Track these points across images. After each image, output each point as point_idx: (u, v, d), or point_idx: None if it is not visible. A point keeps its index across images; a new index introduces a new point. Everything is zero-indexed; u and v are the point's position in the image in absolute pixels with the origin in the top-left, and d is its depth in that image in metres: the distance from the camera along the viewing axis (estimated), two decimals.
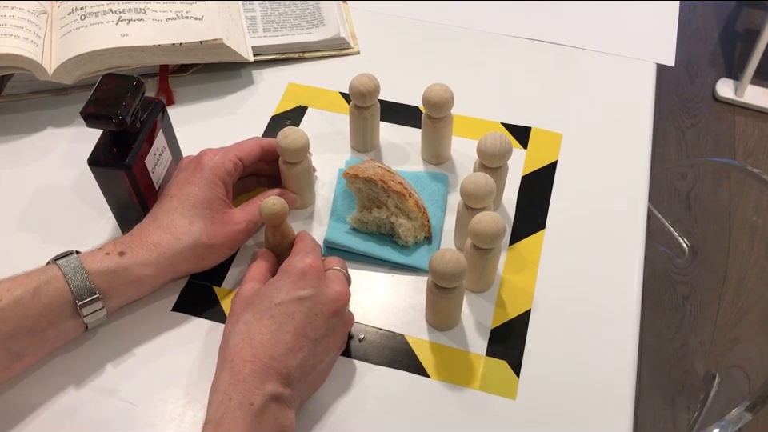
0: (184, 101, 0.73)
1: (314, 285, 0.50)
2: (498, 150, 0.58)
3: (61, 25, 0.71)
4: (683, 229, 1.59)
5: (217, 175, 0.57)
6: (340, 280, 0.52)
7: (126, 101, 0.54)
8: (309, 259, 0.52)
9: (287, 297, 0.49)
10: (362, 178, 0.59)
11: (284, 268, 0.52)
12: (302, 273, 0.51)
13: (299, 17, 0.79)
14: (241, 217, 0.58)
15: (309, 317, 0.49)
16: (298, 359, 0.48)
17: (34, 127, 0.71)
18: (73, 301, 0.51)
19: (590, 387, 0.53)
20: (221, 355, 0.49)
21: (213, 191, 0.57)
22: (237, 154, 0.59)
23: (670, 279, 1.51)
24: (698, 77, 1.95)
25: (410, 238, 0.60)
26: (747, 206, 1.66)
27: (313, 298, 0.50)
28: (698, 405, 0.94)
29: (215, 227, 0.56)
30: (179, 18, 0.72)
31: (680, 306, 1.48)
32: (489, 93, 0.74)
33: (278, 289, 0.50)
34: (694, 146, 1.82)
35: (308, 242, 0.56)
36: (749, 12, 2.15)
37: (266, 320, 0.48)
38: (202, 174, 0.57)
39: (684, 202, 1.67)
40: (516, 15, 0.83)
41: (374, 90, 0.63)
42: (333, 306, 0.50)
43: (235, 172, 0.59)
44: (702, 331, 1.44)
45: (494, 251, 0.55)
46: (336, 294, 0.51)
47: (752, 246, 1.58)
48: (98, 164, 0.56)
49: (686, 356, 1.40)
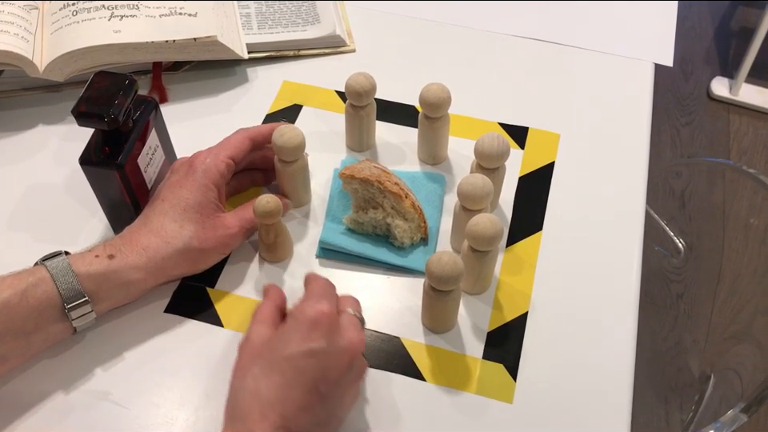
0: (177, 98, 0.72)
1: (326, 336, 0.46)
2: (496, 151, 0.57)
3: (52, 21, 0.70)
4: (677, 227, 1.59)
5: (209, 178, 0.56)
6: (354, 326, 0.49)
7: (118, 99, 0.53)
8: (321, 306, 0.47)
9: (297, 350, 0.45)
10: (358, 179, 0.58)
11: (295, 315, 0.48)
12: (313, 323, 0.46)
13: (294, 14, 0.78)
14: (233, 221, 0.57)
15: (321, 371, 0.45)
16: (309, 417, 0.45)
17: (24, 125, 0.70)
18: (61, 304, 0.50)
19: (587, 391, 0.53)
20: (228, 412, 0.46)
21: (204, 195, 0.56)
22: (228, 154, 0.58)
23: (664, 277, 1.51)
24: (692, 75, 1.95)
25: (406, 240, 0.59)
26: (741, 204, 1.66)
27: (325, 350, 0.46)
28: (693, 405, 0.94)
29: (206, 231, 0.55)
30: (173, 14, 0.71)
31: (674, 304, 1.48)
32: (486, 92, 0.74)
33: (288, 340, 0.46)
34: (688, 144, 1.82)
35: (320, 284, 0.51)
36: (744, 10, 2.15)
37: (275, 375, 0.45)
38: (194, 177, 0.56)
39: (678, 200, 1.67)
40: (514, 14, 0.82)
41: (370, 89, 0.62)
42: (346, 359, 0.47)
43: (228, 173, 0.58)
44: (696, 330, 1.44)
45: (492, 253, 0.54)
46: (349, 344, 0.47)
47: (746, 245, 1.58)
48: (89, 163, 0.55)
49: (680, 354, 1.40)
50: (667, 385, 1.35)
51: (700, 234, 1.61)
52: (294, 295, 0.57)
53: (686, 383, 1.35)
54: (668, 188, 1.69)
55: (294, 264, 0.60)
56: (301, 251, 0.61)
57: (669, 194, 1.68)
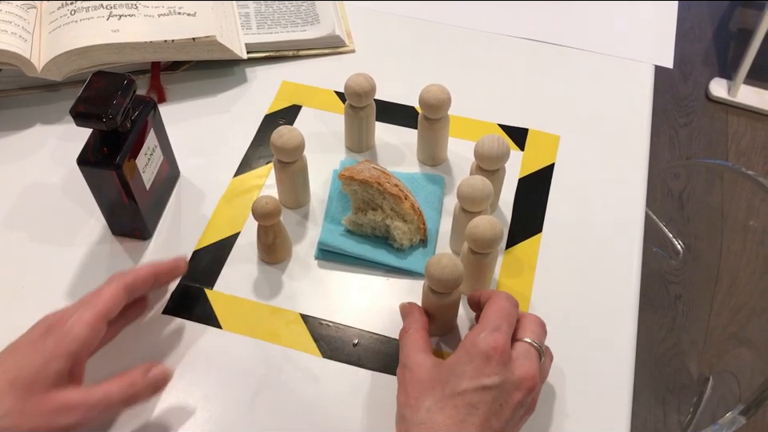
0: (176, 98, 0.72)
1: (500, 371, 0.45)
2: (496, 153, 0.57)
3: (50, 20, 0.69)
4: (676, 228, 1.59)
5: (62, 348, 0.46)
6: (529, 359, 0.47)
7: (116, 99, 0.53)
8: (494, 338, 0.46)
9: (471, 385, 0.45)
10: (358, 180, 0.58)
11: (467, 347, 0.46)
12: (486, 357, 0.45)
13: (294, 14, 0.78)
14: (77, 400, 0.45)
15: (494, 407, 0.45)
16: None
17: (21, 124, 0.70)
18: None
19: (587, 392, 0.53)
20: None
21: (45, 366, 0.45)
22: (96, 314, 0.47)
23: (662, 278, 1.51)
24: (691, 76, 1.96)
25: (405, 241, 0.59)
26: (740, 206, 1.66)
27: (499, 386, 0.45)
28: (691, 407, 0.94)
29: (27, 410, 0.44)
30: (171, 13, 0.70)
31: (672, 305, 1.48)
32: (485, 93, 0.73)
33: (461, 374, 0.45)
34: (686, 145, 1.82)
35: (498, 309, 0.48)
36: (742, 12, 2.15)
37: (449, 410, 0.44)
38: (43, 343, 0.46)
39: (677, 201, 1.68)
40: (514, 15, 0.82)
41: (369, 90, 0.62)
42: (519, 395, 0.46)
43: (93, 337, 0.47)
44: (694, 331, 1.44)
45: (491, 255, 0.54)
46: (522, 379, 0.46)
47: (744, 247, 1.59)
48: (87, 164, 0.54)
49: (678, 356, 1.40)
50: (665, 386, 1.35)
51: (698, 235, 1.61)
52: (294, 297, 0.57)
53: (684, 384, 1.35)
54: (666, 189, 1.69)
55: (292, 265, 0.60)
56: (300, 252, 0.60)
57: (667, 195, 1.68)
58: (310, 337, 0.55)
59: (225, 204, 0.63)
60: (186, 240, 0.61)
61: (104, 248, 0.60)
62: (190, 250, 0.60)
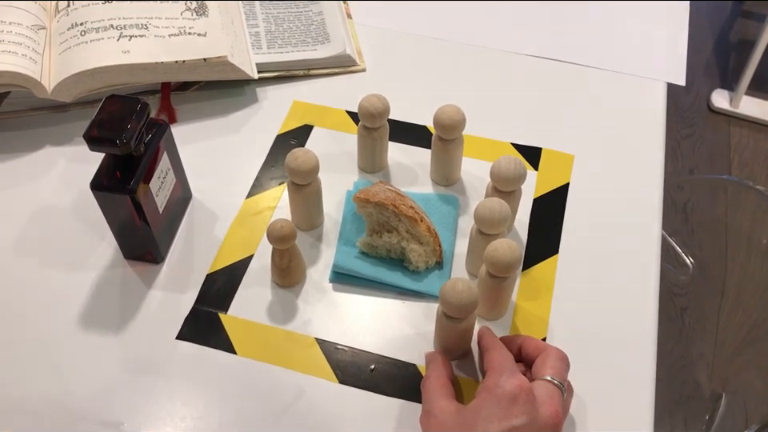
0: (186, 119, 0.72)
1: (527, 411, 0.45)
2: (513, 174, 0.56)
3: (60, 41, 0.69)
4: (680, 240, 1.59)
5: None
6: (552, 397, 0.47)
7: (130, 124, 0.52)
8: (516, 380, 0.46)
9: (499, 428, 0.45)
10: (373, 203, 0.57)
11: (490, 389, 0.47)
12: (512, 398, 0.46)
13: (304, 33, 0.78)
14: None
15: None
16: None
17: (31, 145, 0.69)
18: None
19: (607, 416, 0.52)
20: None
21: None
22: None
23: (668, 291, 1.50)
24: (693, 87, 1.96)
25: (421, 264, 0.58)
26: (744, 218, 1.66)
27: (527, 426, 0.45)
28: (703, 425, 0.93)
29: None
30: (182, 33, 0.70)
31: (678, 317, 1.47)
32: (498, 112, 0.73)
33: (488, 417, 0.45)
34: (689, 157, 1.82)
35: (504, 355, 0.49)
36: (744, 23, 2.16)
37: None
38: None
39: (681, 213, 1.67)
40: (526, 33, 0.82)
41: (383, 111, 0.62)
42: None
43: None
44: (702, 343, 1.43)
45: (510, 279, 0.53)
46: (549, 418, 0.46)
47: (749, 259, 1.58)
48: (101, 188, 0.54)
49: (685, 368, 1.39)
50: (671, 398, 1.34)
51: (703, 247, 1.60)
52: (309, 321, 0.57)
53: (690, 396, 1.34)
54: (670, 201, 1.69)
55: (307, 288, 0.59)
56: (313, 275, 0.60)
57: (671, 208, 1.68)
58: (326, 362, 0.55)
59: (237, 226, 0.63)
60: (199, 263, 0.60)
61: (116, 272, 0.60)
62: (203, 274, 0.60)
